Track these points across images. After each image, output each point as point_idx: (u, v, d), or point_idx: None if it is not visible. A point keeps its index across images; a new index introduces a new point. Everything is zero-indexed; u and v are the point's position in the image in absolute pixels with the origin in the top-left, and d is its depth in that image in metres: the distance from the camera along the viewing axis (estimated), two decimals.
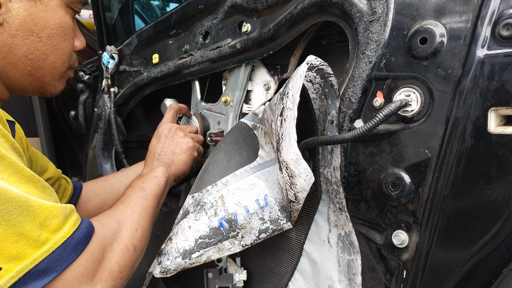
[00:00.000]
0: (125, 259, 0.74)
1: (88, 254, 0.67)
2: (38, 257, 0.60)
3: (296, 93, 0.69)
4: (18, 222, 0.59)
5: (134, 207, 0.84)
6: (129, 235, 0.77)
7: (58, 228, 0.64)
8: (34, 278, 0.59)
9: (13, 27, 0.78)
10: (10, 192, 0.59)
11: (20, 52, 0.81)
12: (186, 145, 1.11)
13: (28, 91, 0.91)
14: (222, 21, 1.12)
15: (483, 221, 0.63)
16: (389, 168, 0.74)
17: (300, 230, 0.91)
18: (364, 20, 0.76)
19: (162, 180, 0.96)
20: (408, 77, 0.71)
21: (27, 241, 0.59)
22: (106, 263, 0.70)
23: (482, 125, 0.63)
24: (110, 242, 0.73)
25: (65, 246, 0.63)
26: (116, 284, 0.71)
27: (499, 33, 0.62)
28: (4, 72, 0.83)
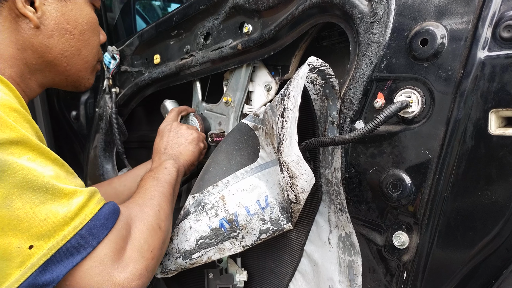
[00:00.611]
0: (153, 238, 0.73)
1: (117, 231, 0.66)
2: (69, 233, 0.60)
3: (297, 95, 0.69)
4: (45, 200, 0.59)
5: (151, 193, 0.84)
6: (153, 215, 0.77)
7: (84, 205, 0.64)
8: (67, 255, 0.59)
9: (49, 28, 0.83)
10: (36, 171, 0.60)
11: (56, 51, 0.85)
12: (191, 136, 1.11)
13: (62, 86, 0.95)
14: (223, 21, 1.12)
15: (484, 222, 0.63)
16: (390, 169, 0.74)
17: (301, 231, 0.91)
18: (365, 21, 0.77)
19: (173, 171, 0.96)
20: (409, 78, 0.71)
21: (56, 217, 0.59)
22: (135, 242, 0.69)
23: (483, 127, 0.63)
24: (135, 222, 0.72)
25: (94, 221, 0.63)
26: (149, 264, 0.69)
27: (500, 35, 0.62)
28: (40, 70, 0.86)
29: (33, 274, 0.56)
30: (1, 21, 0.79)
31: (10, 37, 0.80)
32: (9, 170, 0.58)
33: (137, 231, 0.71)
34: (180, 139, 1.10)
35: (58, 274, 0.58)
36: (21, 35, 0.81)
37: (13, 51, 0.81)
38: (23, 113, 0.65)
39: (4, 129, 0.59)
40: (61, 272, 0.58)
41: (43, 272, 0.57)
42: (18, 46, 0.81)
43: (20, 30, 0.81)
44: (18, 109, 0.65)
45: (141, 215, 0.75)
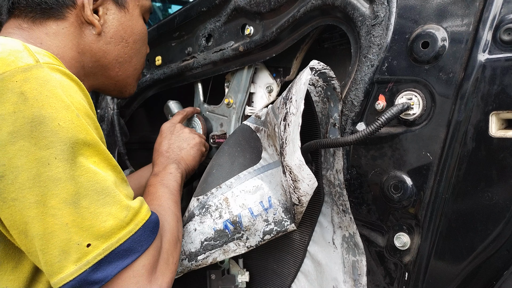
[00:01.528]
0: (176, 249, 0.76)
1: (155, 242, 0.68)
2: (123, 237, 0.63)
3: (300, 100, 0.70)
4: (107, 202, 0.62)
5: (167, 202, 0.86)
6: (175, 226, 0.79)
7: (138, 211, 0.67)
8: (118, 257, 0.62)
9: (108, 35, 0.90)
10: (100, 175, 0.63)
11: (111, 56, 0.92)
12: (193, 141, 1.12)
13: (109, 91, 1.01)
14: (225, 23, 1.13)
15: (484, 223, 0.64)
16: (391, 171, 0.75)
17: (304, 232, 0.92)
18: (367, 24, 0.77)
19: (178, 176, 0.97)
20: (410, 81, 0.72)
21: (115, 220, 0.62)
22: (164, 254, 0.71)
23: (483, 129, 0.64)
24: (165, 233, 0.75)
25: (145, 228, 0.66)
26: (173, 277, 0.72)
27: (500, 38, 0.62)
28: (93, 73, 0.92)
29: (87, 271, 0.59)
30: (68, 26, 0.84)
31: (73, 41, 0.85)
32: (79, 170, 0.61)
33: (166, 243, 0.73)
34: (182, 143, 1.10)
35: (108, 274, 0.60)
36: (83, 40, 0.87)
37: (74, 54, 0.85)
38: (94, 119, 0.69)
39: (81, 130, 0.62)
40: (111, 272, 0.61)
41: (96, 270, 0.60)
42: (79, 50, 0.86)
43: (83, 36, 0.87)
44: (91, 115, 0.68)
45: (167, 226, 0.77)
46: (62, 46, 0.83)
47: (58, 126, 0.60)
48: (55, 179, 0.59)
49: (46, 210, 0.58)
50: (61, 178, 0.59)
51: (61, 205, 0.59)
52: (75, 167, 0.61)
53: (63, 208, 0.59)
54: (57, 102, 0.61)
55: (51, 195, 0.59)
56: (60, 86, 0.63)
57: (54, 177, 0.59)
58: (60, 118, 0.60)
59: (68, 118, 0.61)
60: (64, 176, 0.59)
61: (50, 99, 0.60)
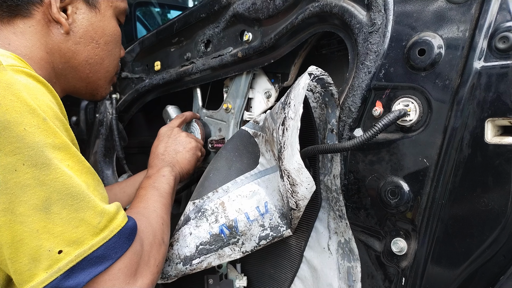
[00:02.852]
0: (158, 252, 0.75)
1: (133, 246, 0.68)
2: (96, 243, 0.61)
3: (298, 104, 0.71)
4: (80, 207, 0.61)
5: (154, 204, 0.85)
6: (158, 228, 0.79)
7: (113, 218, 0.65)
8: (91, 264, 0.60)
9: (78, 35, 0.89)
10: (74, 179, 0.62)
11: (81, 57, 0.91)
12: (189, 144, 1.12)
13: (81, 93, 1.00)
14: (224, 30, 1.14)
15: (481, 229, 0.64)
16: (388, 177, 0.75)
17: (300, 237, 0.92)
18: (364, 31, 0.78)
19: (171, 179, 0.97)
20: (407, 87, 0.73)
21: (87, 226, 0.61)
22: (145, 257, 0.71)
23: (479, 135, 0.64)
24: (145, 236, 0.74)
25: (120, 235, 0.65)
26: (154, 279, 0.72)
27: (496, 46, 0.63)
28: (64, 75, 0.91)
29: (58, 278, 0.58)
30: (34, 24, 0.83)
31: (41, 40, 0.84)
32: (51, 175, 0.59)
33: (147, 245, 0.73)
34: (178, 147, 1.11)
35: (80, 281, 0.59)
36: (52, 39, 0.86)
37: (43, 54, 0.84)
38: (63, 121, 0.68)
39: (49, 134, 0.61)
40: (83, 279, 0.59)
41: (67, 277, 0.58)
42: (48, 49, 0.85)
43: (51, 34, 0.85)
44: (60, 116, 0.67)
45: (149, 228, 0.76)
46: (30, 45, 0.82)
47: (24, 131, 0.58)
48: (23, 186, 0.57)
49: (14, 217, 0.57)
50: (30, 184, 0.57)
51: (30, 212, 0.57)
52: (47, 171, 0.59)
53: (32, 214, 0.58)
54: (22, 106, 0.58)
55: (19, 202, 0.57)
56: (25, 89, 0.61)
57: (22, 184, 0.57)
58: (26, 122, 0.58)
59: (34, 123, 0.59)
60: (34, 182, 0.58)
61: (14, 103, 0.58)
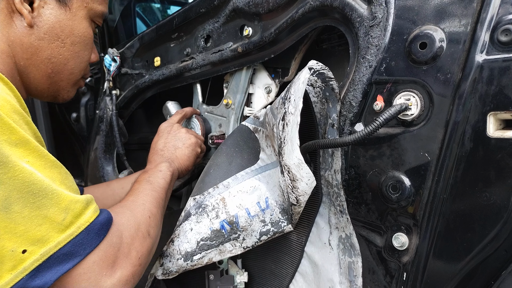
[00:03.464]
0: (141, 245, 0.74)
1: (108, 240, 0.67)
2: (62, 240, 0.60)
3: (298, 99, 0.70)
4: (43, 204, 0.59)
5: (144, 197, 0.85)
6: (143, 221, 0.78)
7: (81, 213, 0.64)
8: (58, 262, 0.59)
9: (42, 31, 0.85)
10: (35, 175, 0.60)
11: (44, 55, 0.87)
12: (189, 141, 1.12)
13: (43, 94, 0.95)
14: (224, 24, 1.13)
15: (482, 224, 0.64)
16: (389, 171, 0.75)
17: (301, 233, 0.92)
18: (365, 25, 0.77)
19: (167, 174, 0.97)
20: (408, 81, 0.72)
21: (51, 224, 0.60)
22: (124, 249, 0.70)
23: (481, 129, 0.64)
24: (126, 229, 0.73)
25: (88, 231, 0.63)
26: (136, 270, 0.71)
27: (498, 39, 0.62)
28: (25, 72, 0.88)
29: (24, 279, 0.57)
30: None
31: (2, 31, 0.82)
32: (10, 172, 0.57)
33: (127, 238, 0.72)
34: (178, 143, 1.11)
35: (48, 280, 0.58)
36: (13, 31, 0.83)
37: (4, 46, 0.82)
38: (23, 115, 0.65)
39: (4, 130, 0.58)
40: (51, 278, 0.59)
41: (33, 277, 0.57)
42: (9, 42, 0.83)
43: (13, 26, 0.83)
44: (18, 110, 0.65)
45: (132, 220, 0.75)
46: None
47: None
48: None
49: None
50: None
51: None
52: (5, 169, 0.57)
53: None
54: None
55: None
56: None
57: None
58: None
59: None
60: None
61: None
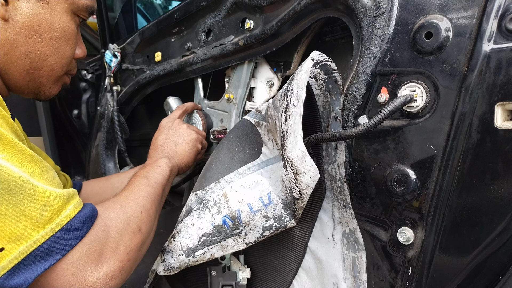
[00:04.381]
0: (130, 239, 0.72)
1: (92, 235, 0.65)
2: (41, 237, 0.59)
3: (301, 90, 0.69)
4: (20, 201, 0.58)
5: (138, 192, 0.83)
6: (134, 216, 0.76)
7: (61, 209, 0.62)
8: (38, 259, 0.58)
9: (18, 25, 0.80)
10: (11, 171, 0.58)
11: (21, 50, 0.82)
12: (189, 137, 1.11)
13: (23, 91, 0.91)
14: (225, 18, 1.11)
15: (490, 217, 0.63)
16: (394, 165, 0.73)
17: (304, 228, 0.90)
18: (368, 15, 0.76)
19: (165, 170, 0.95)
20: (413, 72, 0.70)
21: (30, 221, 0.58)
22: (111, 244, 0.68)
23: (489, 120, 0.62)
24: (114, 224, 0.71)
25: (69, 227, 0.62)
26: (124, 266, 0.69)
27: (506, 27, 0.61)
28: (3, 69, 0.84)
29: (2, 277, 0.55)
30: None
31: None
32: None
33: (115, 232, 0.70)
34: (178, 138, 1.09)
35: (27, 278, 0.57)
36: None
37: None
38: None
39: None
40: (30, 276, 0.57)
41: (12, 275, 0.56)
42: None
43: None
44: None
45: (121, 215, 0.74)
46: None
47: None
48: None
49: None
50: None
51: None
52: None
53: None
54: None
55: None
56: None
57: None
58: None
59: None
60: None
61: None
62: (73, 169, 2.20)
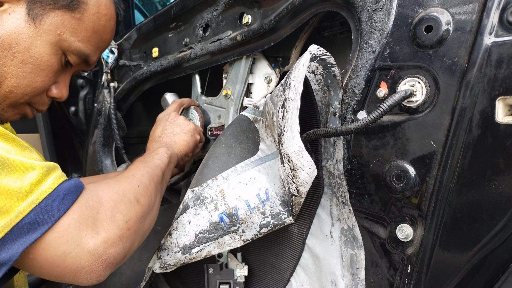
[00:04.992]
0: (128, 208, 0.69)
1: (81, 203, 0.63)
2: (24, 209, 0.56)
3: (298, 83, 0.67)
4: None
5: (134, 171, 0.81)
6: (130, 188, 0.73)
7: (41, 180, 0.60)
8: (23, 232, 0.56)
9: None
10: None
11: None
12: (187, 127, 1.09)
13: None
14: (223, 13, 1.10)
15: (491, 213, 0.62)
16: (393, 161, 0.72)
17: (302, 225, 0.89)
18: (367, 8, 0.75)
19: (164, 156, 0.93)
20: (413, 67, 0.69)
21: (8, 193, 0.56)
22: (106, 212, 0.65)
23: (490, 115, 0.61)
24: (107, 194, 0.68)
25: (52, 197, 0.59)
26: (124, 234, 0.66)
27: (507, 20, 0.60)
28: None
29: None
30: None
31: None
32: None
33: (109, 202, 0.67)
34: (176, 129, 1.08)
35: (14, 252, 0.55)
36: None
37: None
38: None
39: None
40: (17, 250, 0.55)
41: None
42: None
43: None
44: None
45: (116, 187, 0.71)
46: None
47: None
48: None
49: None
50: None
51: None
52: None
53: None
54: None
55: None
56: None
57: None
58: None
59: None
60: None
61: None
62: (70, 166, 2.19)
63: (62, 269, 0.60)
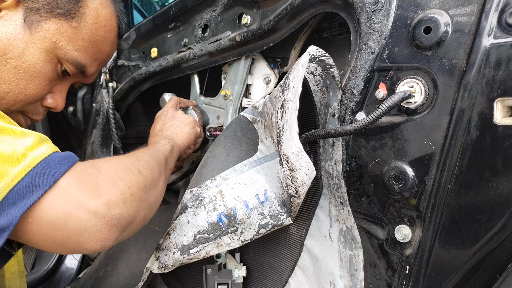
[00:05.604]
0: (129, 176, 0.68)
1: (79, 169, 0.61)
2: (19, 173, 0.55)
3: (297, 84, 0.68)
4: None
5: (135, 153, 0.80)
6: (130, 161, 0.72)
7: (34, 146, 0.59)
8: (21, 196, 0.55)
9: None
10: None
11: None
12: (188, 119, 1.09)
13: None
14: (222, 13, 1.10)
15: (489, 214, 0.62)
16: (392, 162, 0.73)
17: (301, 225, 0.89)
18: (367, 9, 0.75)
19: (166, 145, 0.91)
20: (412, 68, 0.69)
21: (1, 158, 0.55)
22: (106, 177, 0.64)
23: (488, 116, 0.61)
24: (106, 164, 0.67)
25: (47, 161, 0.58)
26: (127, 198, 0.64)
27: (506, 21, 0.60)
28: None
29: None
30: None
31: None
32: None
33: (109, 170, 0.66)
34: (176, 122, 1.07)
35: (13, 217, 0.54)
36: None
37: None
38: None
39: None
40: (16, 214, 0.54)
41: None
42: None
43: None
44: None
45: (116, 160, 0.70)
46: None
47: None
48: None
49: None
50: None
51: None
52: None
53: None
54: None
55: None
56: None
57: None
58: None
59: None
60: None
61: None
62: None
63: (64, 232, 0.58)
